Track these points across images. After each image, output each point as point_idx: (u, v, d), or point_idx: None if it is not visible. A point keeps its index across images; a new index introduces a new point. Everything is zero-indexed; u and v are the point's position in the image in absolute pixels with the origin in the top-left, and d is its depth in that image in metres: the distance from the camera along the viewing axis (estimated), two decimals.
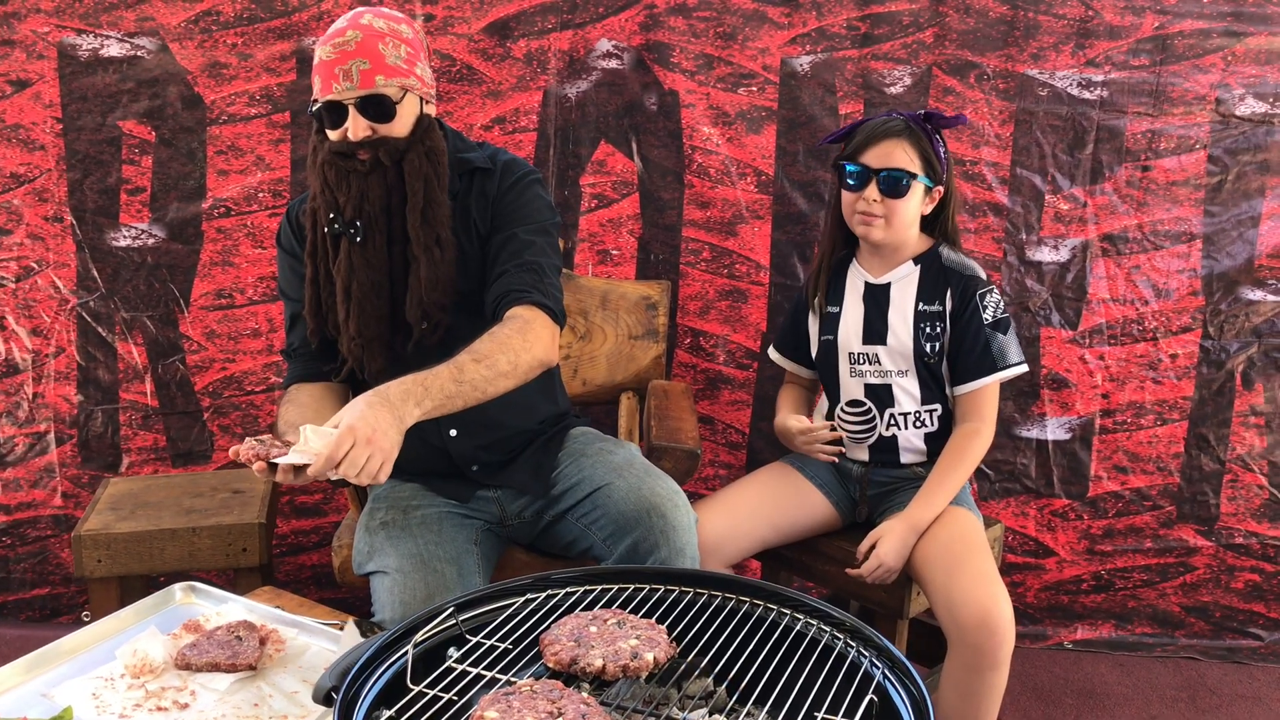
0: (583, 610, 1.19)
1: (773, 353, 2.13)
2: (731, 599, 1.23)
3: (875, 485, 1.96)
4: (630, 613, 1.19)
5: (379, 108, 1.58)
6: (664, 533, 1.56)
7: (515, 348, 1.52)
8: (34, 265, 2.45)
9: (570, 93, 2.40)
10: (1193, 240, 2.43)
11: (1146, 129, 2.38)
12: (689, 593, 1.25)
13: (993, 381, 1.88)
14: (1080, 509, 2.54)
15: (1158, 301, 2.45)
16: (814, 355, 2.02)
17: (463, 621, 1.18)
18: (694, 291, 2.49)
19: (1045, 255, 2.44)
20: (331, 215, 1.62)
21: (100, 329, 2.48)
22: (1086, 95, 2.37)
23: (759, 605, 1.21)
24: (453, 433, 1.73)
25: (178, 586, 1.54)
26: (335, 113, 1.59)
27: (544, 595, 1.24)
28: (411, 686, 1.04)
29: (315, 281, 1.67)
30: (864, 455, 1.96)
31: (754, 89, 2.39)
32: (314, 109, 1.62)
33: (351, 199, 1.61)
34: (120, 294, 2.46)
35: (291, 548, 2.58)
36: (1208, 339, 2.46)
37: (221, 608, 1.49)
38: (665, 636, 1.13)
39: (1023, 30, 2.35)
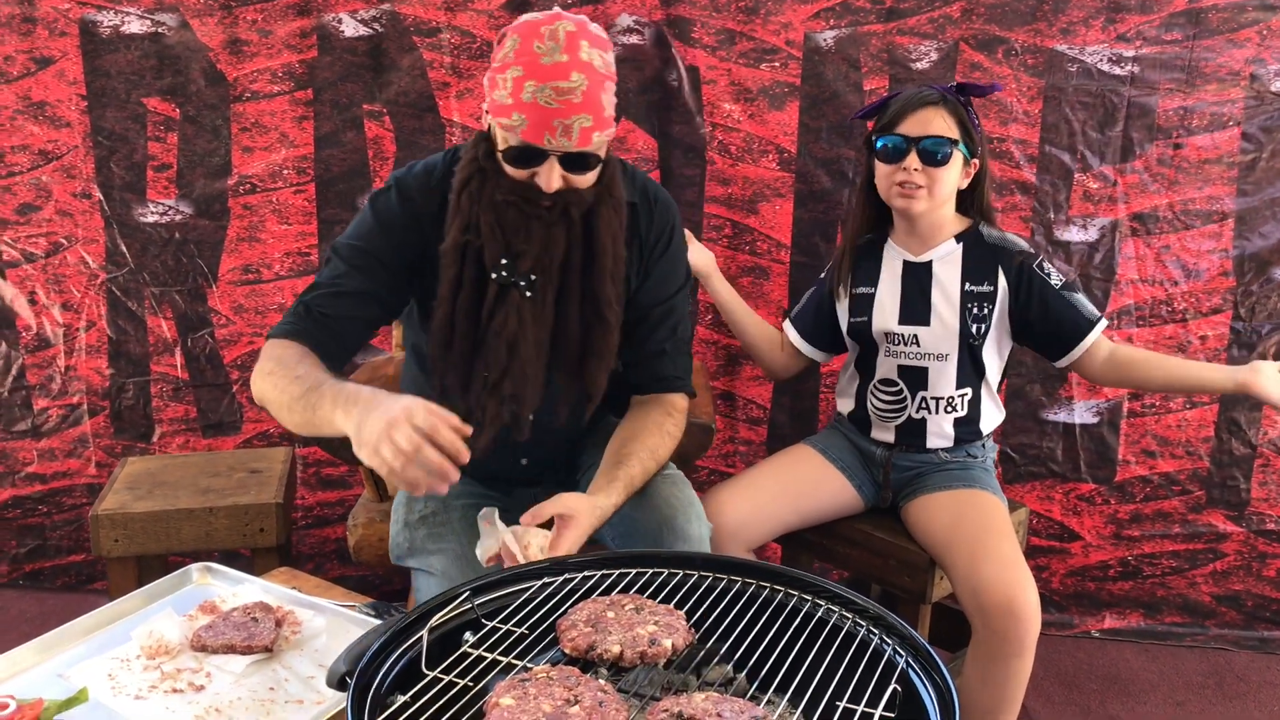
0: (600, 595, 1.20)
1: (787, 325, 2.09)
2: (751, 584, 1.22)
3: (899, 469, 1.95)
4: (648, 598, 1.19)
5: (581, 163, 1.43)
6: (673, 547, 1.52)
7: (677, 441, 1.61)
8: (63, 241, 2.48)
9: None
10: (1225, 220, 2.38)
11: (1178, 105, 2.33)
12: (707, 577, 1.25)
13: (1096, 336, 1.86)
14: (1107, 493, 2.51)
15: (1188, 282, 2.41)
16: (846, 337, 2.00)
17: (478, 606, 1.19)
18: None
19: (1074, 235, 2.41)
20: (503, 261, 1.46)
21: (130, 303, 2.50)
22: (1117, 71, 2.33)
23: (779, 591, 1.21)
24: (524, 462, 1.69)
25: (194, 567, 1.52)
26: (531, 157, 1.42)
27: (560, 579, 1.24)
28: (426, 672, 1.04)
29: (451, 322, 1.49)
30: (889, 436, 1.95)
31: (776, 64, 2.37)
32: (500, 142, 1.44)
33: (531, 249, 1.45)
34: (149, 269, 2.49)
35: (317, 520, 2.61)
36: (1238, 320, 2.42)
37: (238, 589, 1.48)
38: (684, 622, 1.13)
39: (1051, 4, 2.30)
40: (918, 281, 1.90)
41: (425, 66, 2.39)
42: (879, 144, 1.85)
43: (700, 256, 2.09)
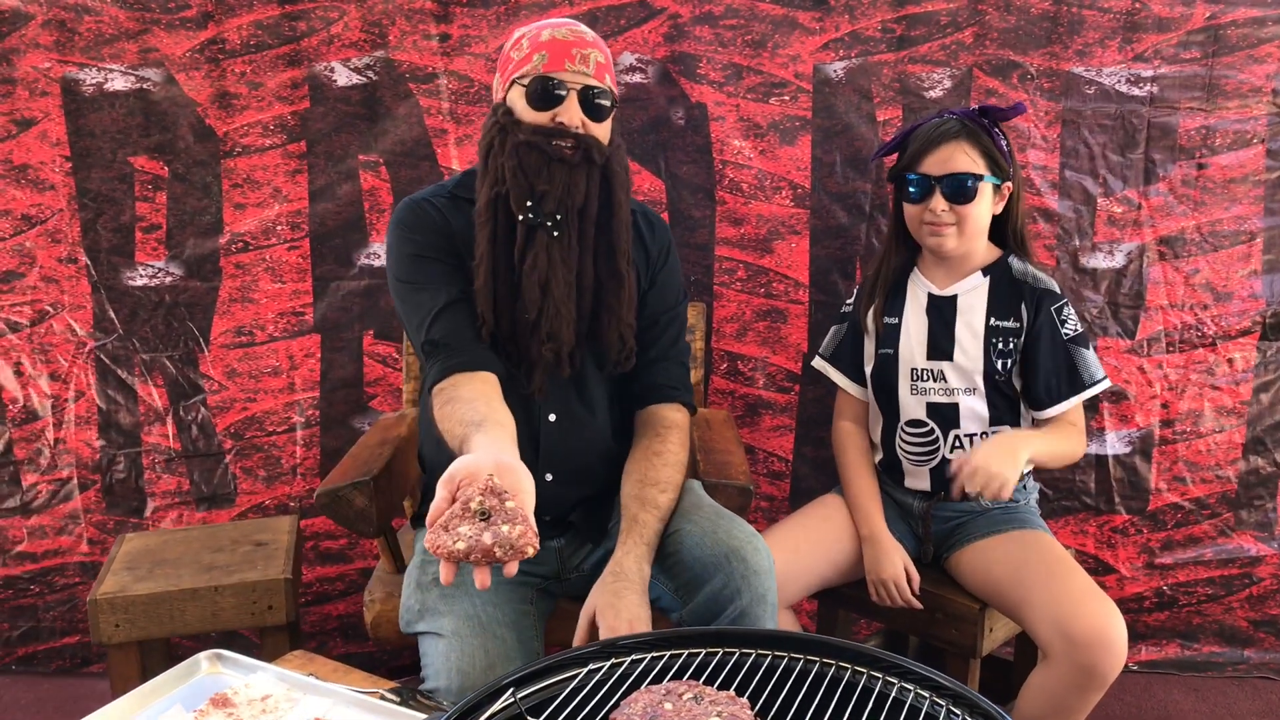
0: (653, 682, 1.09)
1: (820, 363, 2.00)
2: (816, 662, 1.12)
3: (939, 521, 1.85)
4: (705, 683, 1.08)
5: (597, 106, 1.51)
6: (745, 578, 1.45)
7: (682, 463, 1.60)
8: (49, 309, 2.38)
9: None
10: (1253, 240, 2.31)
11: (1200, 124, 2.27)
12: (767, 656, 1.14)
13: (1081, 400, 1.79)
14: (1140, 523, 2.42)
15: (1217, 305, 2.34)
16: (869, 371, 1.91)
17: (522, 699, 1.08)
18: (730, 313, 2.39)
19: (1100, 262, 2.33)
20: (529, 203, 1.49)
21: (120, 371, 2.40)
22: (1136, 92, 2.26)
23: (846, 669, 1.11)
24: (549, 477, 1.61)
25: (203, 656, 1.41)
26: (550, 94, 1.49)
27: (608, 664, 1.14)
28: None
29: (493, 272, 1.51)
30: (925, 483, 1.86)
31: (786, 98, 2.30)
32: (523, 82, 1.50)
33: (554, 190, 1.48)
34: (138, 334, 2.39)
35: (317, 596, 2.49)
36: (1266, 340, 2.35)
37: (250, 678, 1.36)
38: (749, 712, 1.02)
39: (1066, 26, 2.24)
40: (942, 315, 1.83)
41: (422, 114, 2.31)
42: (905, 179, 1.78)
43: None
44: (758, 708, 1.04)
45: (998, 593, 1.73)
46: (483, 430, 1.31)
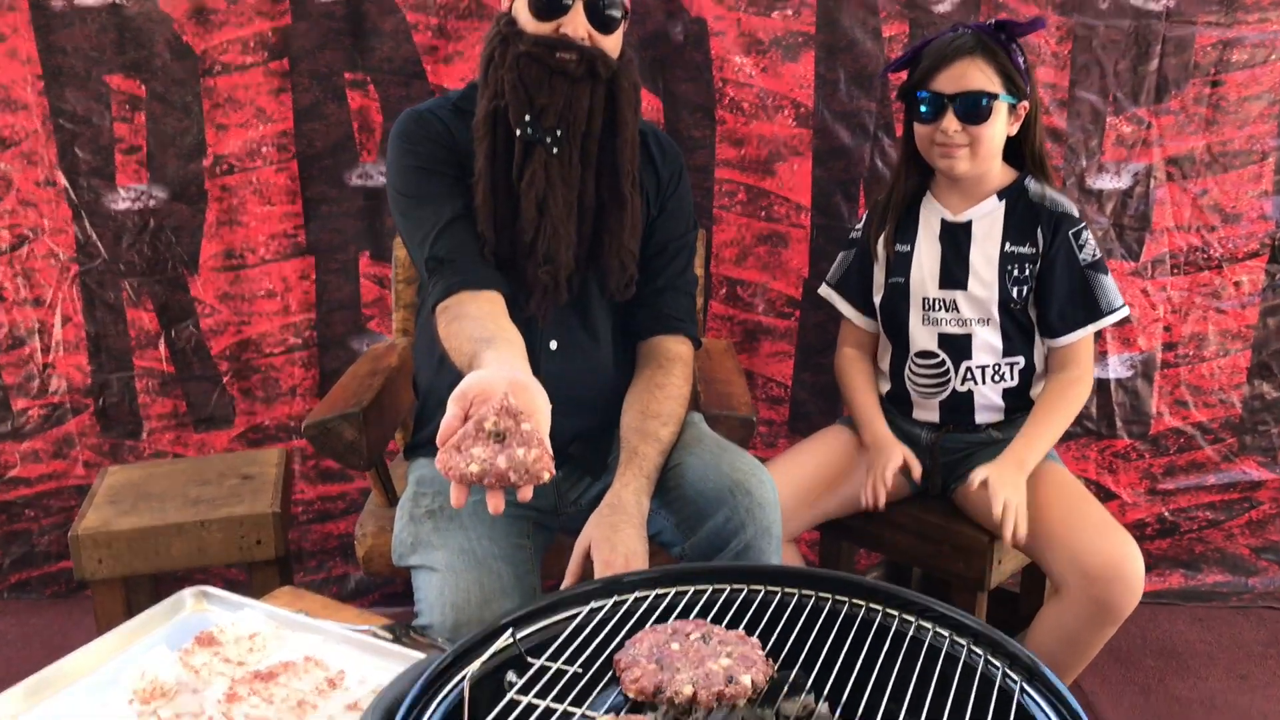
0: (658, 621, 1.07)
1: (827, 291, 1.94)
2: (828, 599, 1.09)
3: (946, 452, 1.82)
4: (713, 621, 1.06)
5: (606, 18, 1.43)
6: (749, 511, 1.42)
7: (685, 397, 1.55)
8: (28, 233, 2.31)
9: None
10: (1265, 159, 2.25)
11: (1217, 39, 2.19)
12: (776, 592, 1.11)
13: (1096, 329, 1.74)
14: (1142, 448, 2.41)
15: (1225, 227, 2.29)
16: (878, 300, 1.86)
17: (521, 640, 1.06)
18: (729, 237, 2.33)
19: (1107, 183, 2.27)
20: (527, 118, 1.41)
21: (107, 295, 2.35)
22: (1151, 6, 2.18)
23: (860, 605, 1.08)
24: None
25: (188, 593, 1.38)
26: (555, 3, 1.41)
27: (611, 602, 1.11)
28: None
29: (491, 189, 1.45)
30: (934, 415, 1.82)
31: (789, 12, 2.21)
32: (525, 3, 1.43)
33: (555, 104, 1.41)
34: (124, 259, 2.33)
35: (318, 515, 2.48)
36: (1275, 264, 2.31)
37: (237, 616, 1.32)
38: (760, 652, 1.00)
39: None
40: (955, 242, 1.77)
41: (410, 30, 2.22)
42: (913, 102, 1.71)
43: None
44: (768, 647, 1.02)
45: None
46: (494, 347, 1.25)
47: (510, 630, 1.05)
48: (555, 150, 1.43)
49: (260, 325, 2.37)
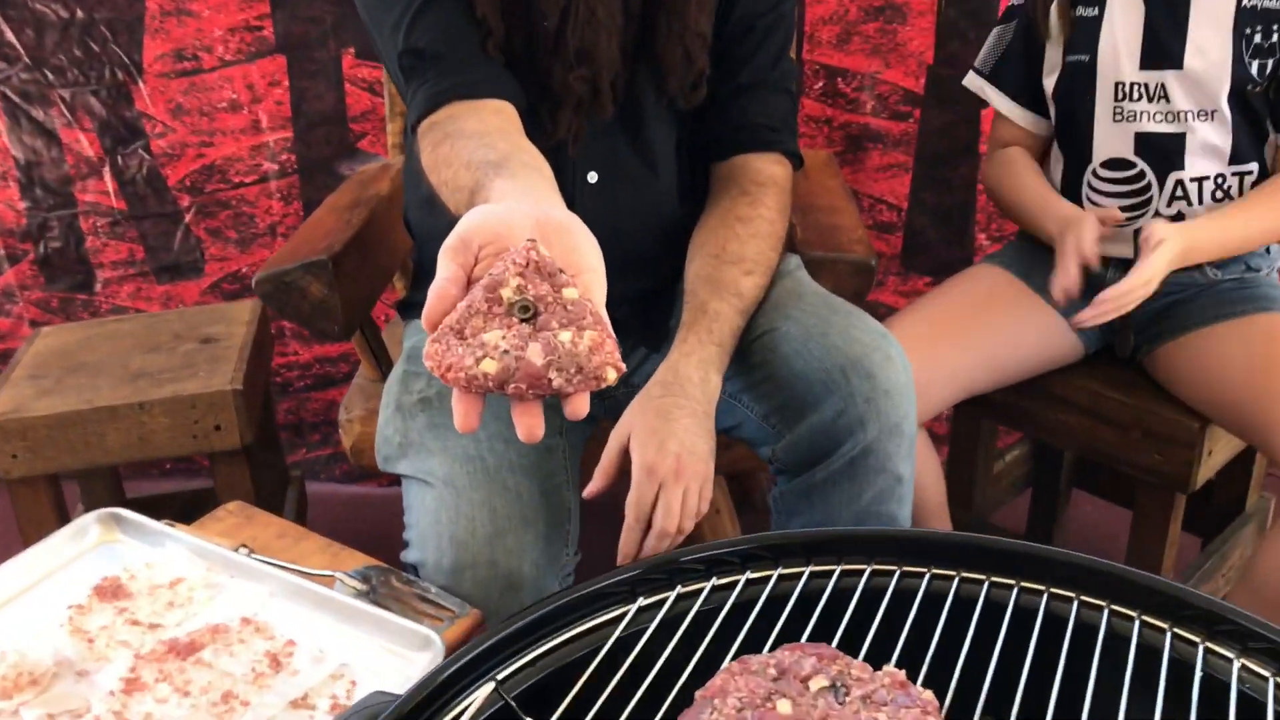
0: (746, 645, 0.61)
1: (976, 81, 1.50)
2: (1041, 592, 0.64)
3: (1145, 300, 1.35)
4: (841, 644, 0.60)
5: None
6: (871, 401, 1.05)
7: (780, 236, 1.19)
8: None
9: None
10: None
11: None
12: (949, 579, 0.66)
13: None
14: None
15: None
16: (1051, 89, 1.40)
17: (509, 683, 0.61)
18: (827, 11, 1.87)
19: None
20: None
21: (35, 111, 1.96)
22: None
23: (1100, 608, 0.63)
24: None
25: (91, 518, 1.04)
26: None
27: (668, 599, 0.65)
28: None
29: None
30: (1126, 249, 1.36)
31: None
32: None
33: None
34: (50, 64, 1.92)
35: (317, 380, 2.16)
36: None
37: (155, 555, 1.01)
38: (937, 716, 0.55)
39: None
40: (1167, 1, 1.31)
41: None
42: None
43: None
44: (948, 698, 0.57)
45: (1226, 401, 1.29)
46: (507, 172, 0.86)
47: (494, 686, 0.60)
48: None
49: (225, 147, 1.99)
